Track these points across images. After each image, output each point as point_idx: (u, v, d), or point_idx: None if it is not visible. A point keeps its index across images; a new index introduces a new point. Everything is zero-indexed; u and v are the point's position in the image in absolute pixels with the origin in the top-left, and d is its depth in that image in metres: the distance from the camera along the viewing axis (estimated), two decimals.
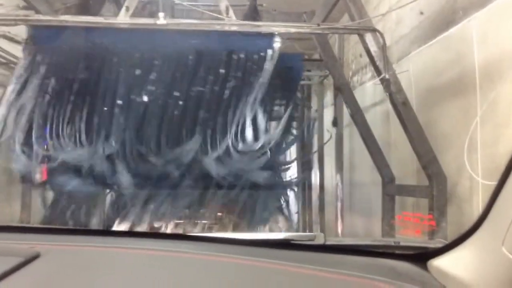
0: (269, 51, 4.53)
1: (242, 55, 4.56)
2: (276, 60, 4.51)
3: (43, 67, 4.51)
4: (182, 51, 4.58)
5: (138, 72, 4.56)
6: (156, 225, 4.49)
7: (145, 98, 4.56)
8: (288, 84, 4.92)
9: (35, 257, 1.32)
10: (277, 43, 4.52)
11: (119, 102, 4.52)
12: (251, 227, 4.62)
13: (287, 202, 5.25)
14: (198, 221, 4.62)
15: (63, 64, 4.57)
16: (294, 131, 5.23)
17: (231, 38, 4.55)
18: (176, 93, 4.59)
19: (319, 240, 1.68)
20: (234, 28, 4.43)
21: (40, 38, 4.57)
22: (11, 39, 6.68)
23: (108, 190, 5.06)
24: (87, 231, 1.85)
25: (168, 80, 4.58)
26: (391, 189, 5.09)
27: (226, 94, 4.56)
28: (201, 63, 4.60)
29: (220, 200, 4.66)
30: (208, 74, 4.57)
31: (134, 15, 4.56)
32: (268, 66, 4.51)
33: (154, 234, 1.91)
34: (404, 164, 5.21)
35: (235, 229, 4.54)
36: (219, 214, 4.76)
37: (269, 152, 4.63)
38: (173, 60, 4.58)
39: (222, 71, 4.55)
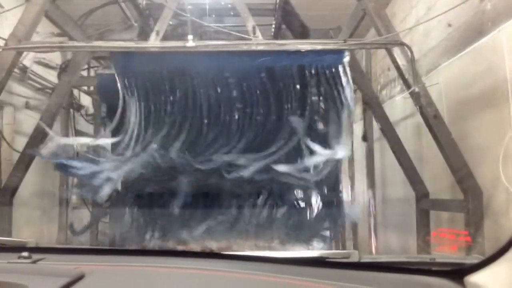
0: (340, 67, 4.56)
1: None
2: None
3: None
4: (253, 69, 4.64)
5: (210, 92, 4.67)
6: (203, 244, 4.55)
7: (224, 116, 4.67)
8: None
9: (80, 277, 1.37)
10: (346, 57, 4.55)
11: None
12: (294, 245, 4.63)
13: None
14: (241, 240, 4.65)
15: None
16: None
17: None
18: (249, 110, 4.69)
19: (354, 258, 1.68)
20: (261, 47, 4.50)
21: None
22: (46, 65, 6.92)
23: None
24: (129, 251, 1.90)
25: (241, 97, 4.67)
26: (425, 204, 5.01)
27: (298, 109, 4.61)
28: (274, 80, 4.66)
29: (262, 218, 4.71)
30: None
31: (164, 38, 4.69)
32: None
33: (195, 253, 1.94)
34: (437, 178, 5.13)
35: (275, 247, 4.55)
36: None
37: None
38: (245, 79, 4.66)
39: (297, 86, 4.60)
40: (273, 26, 6.28)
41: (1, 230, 4.48)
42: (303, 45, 4.54)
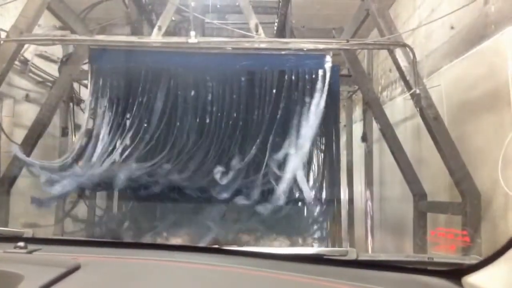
0: (320, 71, 4.57)
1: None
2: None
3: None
4: (234, 72, 4.67)
5: (193, 93, 4.70)
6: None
7: (201, 119, 4.70)
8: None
9: (76, 268, 1.37)
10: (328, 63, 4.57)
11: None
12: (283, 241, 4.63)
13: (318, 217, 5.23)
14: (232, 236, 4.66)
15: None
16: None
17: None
18: (230, 114, 4.71)
19: (352, 256, 1.67)
20: (263, 45, 4.49)
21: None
22: (47, 58, 6.91)
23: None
24: (125, 243, 1.90)
25: (221, 101, 4.69)
26: (423, 206, 5.00)
27: (278, 114, 4.63)
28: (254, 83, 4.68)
29: (255, 215, 4.70)
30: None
31: (166, 34, 4.68)
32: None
33: (192, 248, 1.94)
34: (435, 180, 5.13)
35: (268, 244, 4.55)
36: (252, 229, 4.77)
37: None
38: (226, 82, 4.69)
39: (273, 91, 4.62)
40: (276, 24, 6.28)
41: None
42: (306, 44, 4.53)
